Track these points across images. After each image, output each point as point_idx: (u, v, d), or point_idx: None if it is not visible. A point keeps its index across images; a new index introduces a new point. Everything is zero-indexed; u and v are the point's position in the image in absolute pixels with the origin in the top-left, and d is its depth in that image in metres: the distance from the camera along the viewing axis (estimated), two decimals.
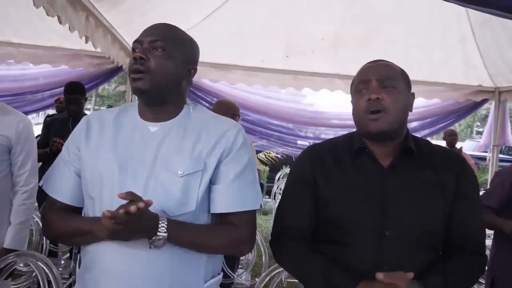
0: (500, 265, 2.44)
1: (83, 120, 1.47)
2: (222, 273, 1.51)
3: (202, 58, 1.47)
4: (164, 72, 1.33)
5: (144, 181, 1.29)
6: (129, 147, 1.35)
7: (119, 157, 1.33)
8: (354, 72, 1.53)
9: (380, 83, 1.40)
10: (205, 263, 1.37)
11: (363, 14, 4.07)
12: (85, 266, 1.38)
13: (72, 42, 4.21)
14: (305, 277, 1.44)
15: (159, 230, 1.23)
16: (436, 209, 1.38)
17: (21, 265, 2.44)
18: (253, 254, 3.27)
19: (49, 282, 2.02)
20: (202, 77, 4.81)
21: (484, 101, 5.29)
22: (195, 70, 1.45)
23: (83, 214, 1.44)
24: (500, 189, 2.49)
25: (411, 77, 5.23)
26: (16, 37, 4.40)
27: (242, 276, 3.37)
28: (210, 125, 1.39)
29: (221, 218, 1.38)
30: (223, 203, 1.35)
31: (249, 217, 1.38)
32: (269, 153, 8.41)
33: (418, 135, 5.40)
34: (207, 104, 4.62)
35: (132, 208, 1.12)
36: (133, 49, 1.37)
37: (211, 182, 1.34)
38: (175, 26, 1.42)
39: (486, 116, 11.48)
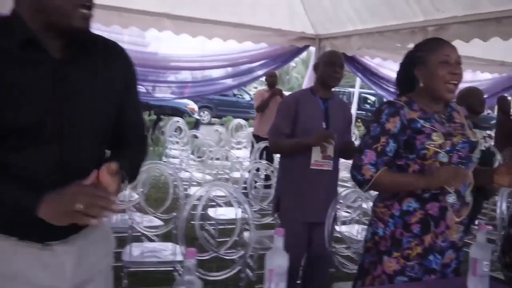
0: (283, 186, 2.87)
1: None
2: None
3: None
4: None
5: None
6: None
7: None
8: (183, 12, 1.38)
9: None
10: None
11: None
12: None
13: None
14: None
15: None
16: (110, 102, 1.35)
17: None
18: None
19: None
20: None
21: (306, 47, 5.62)
22: None
23: None
24: (288, 115, 2.76)
25: (238, 21, 5.22)
26: None
27: None
28: None
29: None
30: None
31: None
32: None
33: (246, 78, 5.63)
34: None
35: None
36: None
37: None
38: None
39: None
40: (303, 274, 2.94)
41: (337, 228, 3.41)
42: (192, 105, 12.44)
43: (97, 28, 4.56)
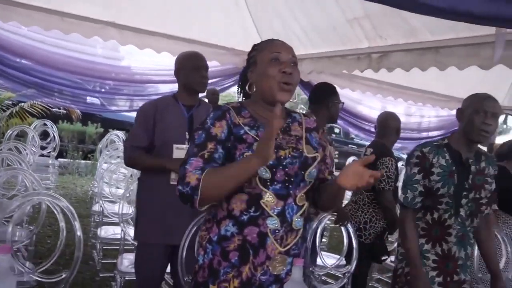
0: (141, 204, 2.57)
1: None
2: None
3: None
4: None
5: None
6: None
7: None
8: (129, 22, 1.24)
9: None
10: None
11: None
12: None
13: None
14: None
15: None
16: None
17: None
18: None
19: None
20: None
21: None
22: None
23: None
24: (145, 125, 2.50)
25: (189, 37, 4.98)
26: None
27: None
28: None
29: None
30: None
31: None
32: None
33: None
34: None
35: None
36: None
37: None
38: None
39: None
40: None
41: None
42: None
43: (37, 31, 4.46)
